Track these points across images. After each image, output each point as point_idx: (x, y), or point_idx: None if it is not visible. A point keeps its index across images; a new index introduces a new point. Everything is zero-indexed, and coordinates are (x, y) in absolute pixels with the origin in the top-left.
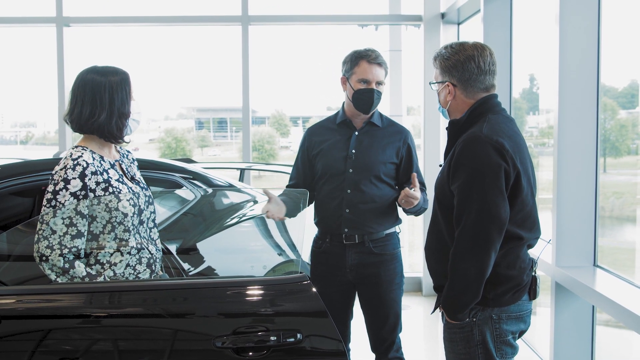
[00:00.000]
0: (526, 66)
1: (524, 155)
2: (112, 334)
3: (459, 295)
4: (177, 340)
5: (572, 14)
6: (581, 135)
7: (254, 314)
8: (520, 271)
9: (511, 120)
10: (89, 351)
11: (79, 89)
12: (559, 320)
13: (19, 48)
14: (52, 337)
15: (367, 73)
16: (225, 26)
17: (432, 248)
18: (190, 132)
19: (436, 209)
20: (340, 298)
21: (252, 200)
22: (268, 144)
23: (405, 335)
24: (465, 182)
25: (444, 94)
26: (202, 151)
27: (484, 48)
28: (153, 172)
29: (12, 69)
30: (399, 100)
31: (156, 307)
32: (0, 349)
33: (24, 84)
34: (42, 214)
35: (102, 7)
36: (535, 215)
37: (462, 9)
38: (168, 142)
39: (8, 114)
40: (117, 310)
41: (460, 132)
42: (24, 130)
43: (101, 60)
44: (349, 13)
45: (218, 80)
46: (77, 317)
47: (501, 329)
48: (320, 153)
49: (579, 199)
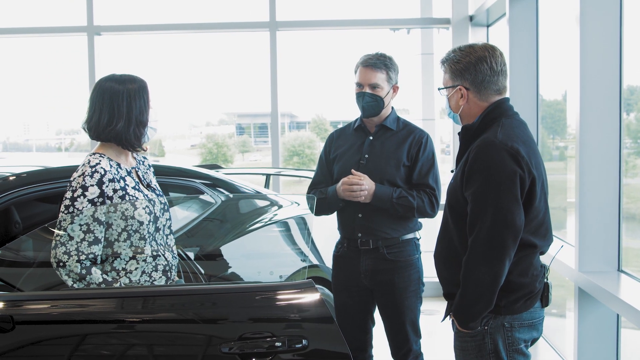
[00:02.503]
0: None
1: (538, 161)
2: (119, 340)
3: (472, 303)
4: (183, 346)
5: (592, 14)
6: (604, 137)
7: (260, 319)
8: (532, 279)
9: (524, 125)
10: (98, 356)
11: (97, 97)
12: (582, 327)
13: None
14: (63, 343)
15: (360, 77)
16: (254, 32)
17: (443, 255)
18: (231, 138)
19: (447, 216)
20: (359, 303)
21: (276, 205)
22: (309, 149)
23: (433, 340)
24: (479, 188)
25: (456, 99)
26: (243, 156)
27: (494, 49)
28: (173, 179)
29: (55, 78)
30: (431, 104)
31: (161, 312)
32: (15, 354)
33: (67, 92)
34: (59, 220)
35: (133, 16)
36: (548, 222)
37: (491, 10)
38: (209, 148)
39: (53, 122)
40: (124, 316)
41: (473, 137)
42: (68, 137)
43: (133, 67)
44: (379, 17)
45: (258, 86)
46: (85, 322)
47: (513, 337)
48: (337, 157)
49: (602, 202)
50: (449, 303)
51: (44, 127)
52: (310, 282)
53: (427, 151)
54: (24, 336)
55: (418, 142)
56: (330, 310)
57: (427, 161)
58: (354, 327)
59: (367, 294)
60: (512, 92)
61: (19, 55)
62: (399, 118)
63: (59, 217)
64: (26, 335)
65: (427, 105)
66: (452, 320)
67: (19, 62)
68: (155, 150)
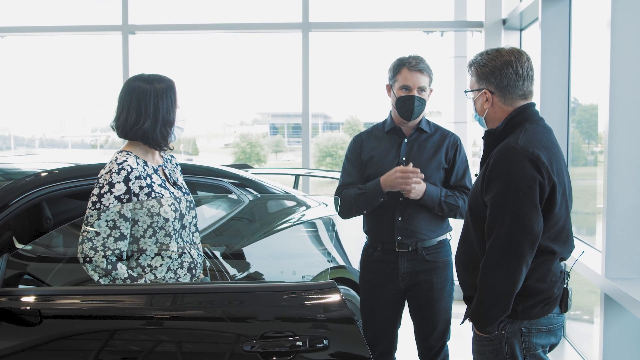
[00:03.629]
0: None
1: (560, 167)
2: (143, 336)
3: (488, 308)
4: (205, 343)
5: (624, 19)
6: (633, 142)
7: (282, 318)
8: (550, 285)
9: (549, 131)
10: (125, 351)
11: (125, 96)
12: (608, 334)
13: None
14: (90, 338)
15: (408, 80)
16: (287, 33)
17: (462, 259)
18: (264, 137)
19: (468, 219)
20: (390, 306)
21: (303, 206)
22: (342, 150)
23: (452, 343)
24: (498, 193)
25: (481, 102)
26: (276, 156)
27: (521, 53)
28: (202, 178)
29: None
30: (463, 107)
31: (185, 309)
32: (42, 348)
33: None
34: (86, 216)
35: (167, 15)
36: (569, 228)
37: (524, 14)
38: (243, 147)
39: (89, 119)
40: (148, 312)
41: (496, 141)
42: (103, 134)
43: (168, 67)
44: (412, 20)
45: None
46: (112, 318)
47: (530, 342)
48: (371, 160)
49: (631, 208)
50: (468, 306)
51: (80, 124)
52: (333, 282)
53: (463, 154)
54: (51, 330)
55: (454, 145)
56: (352, 311)
57: (463, 164)
58: (382, 330)
59: (400, 297)
60: (543, 96)
61: (56, 53)
62: (428, 121)
63: (86, 213)
64: (53, 330)
65: (460, 108)
66: (471, 324)
67: (57, 59)
68: (189, 149)
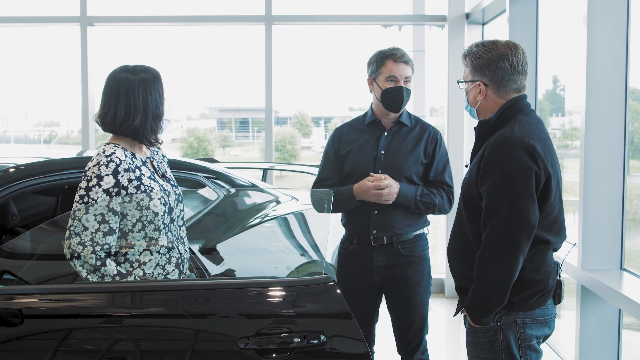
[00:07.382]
0: (549, 67)
1: (553, 158)
2: (134, 334)
3: (485, 299)
4: (199, 341)
5: (600, 15)
6: (608, 137)
7: (277, 315)
8: (546, 275)
9: (541, 122)
10: (110, 351)
11: (112, 90)
12: (584, 323)
13: (42, 47)
14: (73, 337)
15: (394, 71)
16: (248, 26)
17: (456, 250)
18: (212, 132)
19: (461, 210)
20: (366, 300)
21: (275, 201)
22: (290, 144)
23: (428, 337)
24: (495, 184)
25: (474, 94)
26: (224, 151)
27: (516, 47)
28: (176, 172)
29: (36, 69)
30: (422, 101)
31: (178, 307)
32: (24, 348)
33: (48, 83)
34: (73, 210)
35: (125, 6)
36: (562, 218)
37: (487, 9)
38: (190, 142)
39: (32, 113)
40: (139, 310)
41: (489, 132)
42: (47, 129)
43: (124, 59)
44: (373, 13)
45: (240, 81)
46: (98, 316)
47: (525, 334)
48: (350, 153)
49: (605, 201)
50: (461, 298)
51: (22, 118)
52: (329, 277)
53: (443, 148)
54: (32, 329)
55: (434, 139)
56: (349, 306)
57: (443, 158)
58: (359, 324)
59: (376, 291)
60: None
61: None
62: (410, 114)
63: (73, 207)
64: (35, 329)
65: (419, 102)
66: (464, 315)
67: (4, 51)
68: None
